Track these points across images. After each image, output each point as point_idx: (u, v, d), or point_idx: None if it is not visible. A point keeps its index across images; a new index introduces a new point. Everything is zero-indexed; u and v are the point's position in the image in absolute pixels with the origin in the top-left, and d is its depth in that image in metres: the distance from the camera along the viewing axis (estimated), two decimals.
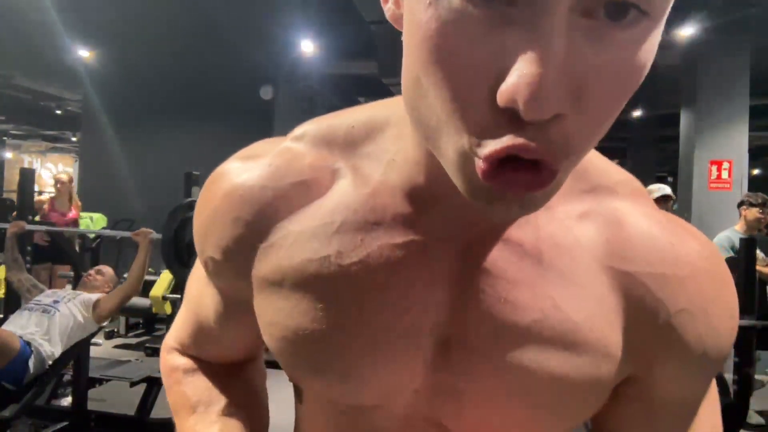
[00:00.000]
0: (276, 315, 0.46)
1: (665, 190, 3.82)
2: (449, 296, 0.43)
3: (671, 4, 0.32)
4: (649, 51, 0.32)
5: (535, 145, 0.30)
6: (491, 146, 0.31)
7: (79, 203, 5.89)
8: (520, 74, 0.28)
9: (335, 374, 0.45)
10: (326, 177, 0.46)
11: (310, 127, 0.49)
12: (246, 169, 0.48)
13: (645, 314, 0.42)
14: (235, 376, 0.62)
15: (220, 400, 0.58)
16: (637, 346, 0.42)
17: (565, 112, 0.29)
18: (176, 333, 0.63)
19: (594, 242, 0.43)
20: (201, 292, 0.56)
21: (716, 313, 0.42)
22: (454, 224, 0.43)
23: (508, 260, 0.42)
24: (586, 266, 0.42)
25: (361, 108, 0.49)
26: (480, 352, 0.42)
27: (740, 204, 4.06)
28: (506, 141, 0.30)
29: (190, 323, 0.60)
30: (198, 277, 0.57)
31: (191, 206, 3.61)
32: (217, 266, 0.50)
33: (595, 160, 0.46)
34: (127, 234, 3.52)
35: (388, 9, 0.39)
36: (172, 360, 0.63)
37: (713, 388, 0.46)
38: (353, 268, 0.43)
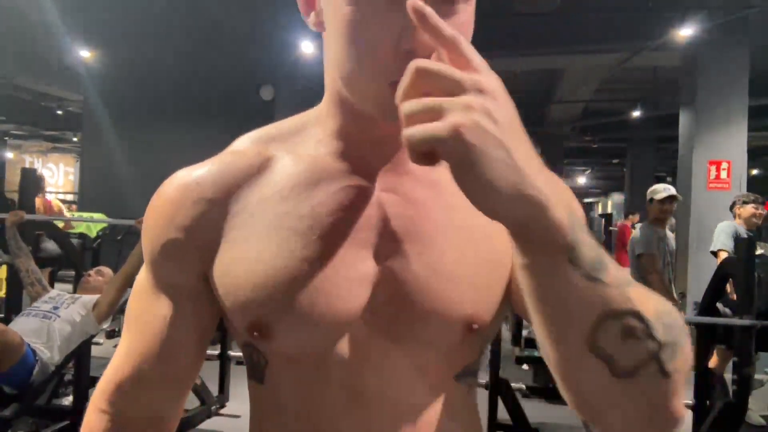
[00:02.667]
0: (246, 264, 0.57)
1: (671, 190, 3.82)
2: (376, 219, 0.58)
3: None
4: (470, 15, 0.53)
5: None
6: (398, 75, 0.43)
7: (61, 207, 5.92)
8: (412, 33, 0.47)
9: (304, 303, 0.55)
10: (268, 161, 0.60)
11: (248, 134, 0.65)
12: (196, 168, 0.60)
13: None
14: None
15: None
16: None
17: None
18: (112, 377, 0.63)
19: None
20: (148, 306, 0.62)
21: None
22: (370, 168, 0.60)
23: (409, 185, 0.60)
24: None
25: (289, 118, 0.65)
26: (403, 253, 0.57)
27: (732, 205, 4.07)
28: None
29: (134, 353, 0.62)
30: (141, 294, 0.63)
31: None
32: (176, 248, 0.59)
33: None
34: (130, 222, 3.54)
35: (310, 20, 0.57)
36: (95, 422, 0.63)
37: None
38: (306, 216, 0.57)
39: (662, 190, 3.82)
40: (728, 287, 3.19)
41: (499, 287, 0.60)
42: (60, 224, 5.49)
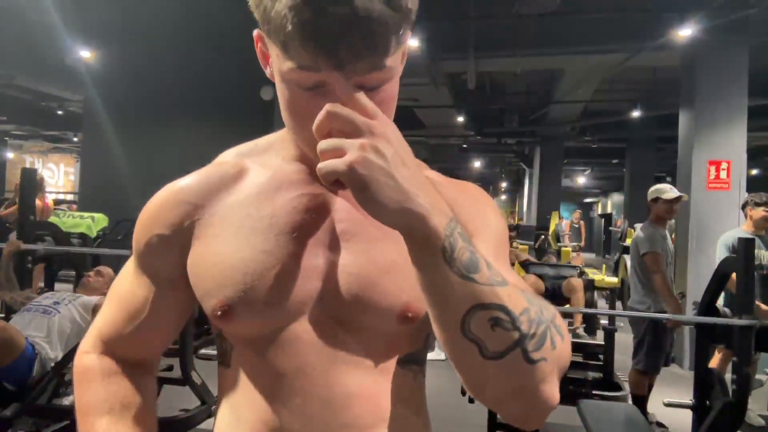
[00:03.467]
0: (215, 256, 0.68)
1: (676, 191, 3.81)
2: (328, 221, 0.69)
3: (400, 66, 0.63)
4: (392, 91, 0.64)
5: None
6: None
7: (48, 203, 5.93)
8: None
9: (262, 289, 0.65)
10: (242, 171, 0.73)
11: (231, 149, 0.77)
12: (184, 178, 0.73)
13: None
14: (144, 378, 0.78)
15: (133, 406, 0.74)
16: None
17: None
18: (97, 331, 0.78)
19: None
20: (132, 286, 0.75)
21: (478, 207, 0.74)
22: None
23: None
24: None
25: (263, 137, 0.78)
26: (350, 249, 0.68)
27: (744, 205, 4.05)
28: None
29: (117, 317, 0.76)
30: (127, 277, 0.76)
31: None
32: (161, 242, 0.71)
33: None
34: (126, 253, 3.43)
35: (267, 72, 0.68)
36: (88, 360, 0.77)
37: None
38: (269, 216, 0.68)
39: (669, 189, 3.79)
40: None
41: None
42: (59, 225, 5.49)
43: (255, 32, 0.67)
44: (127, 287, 0.76)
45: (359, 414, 0.66)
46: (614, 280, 7.66)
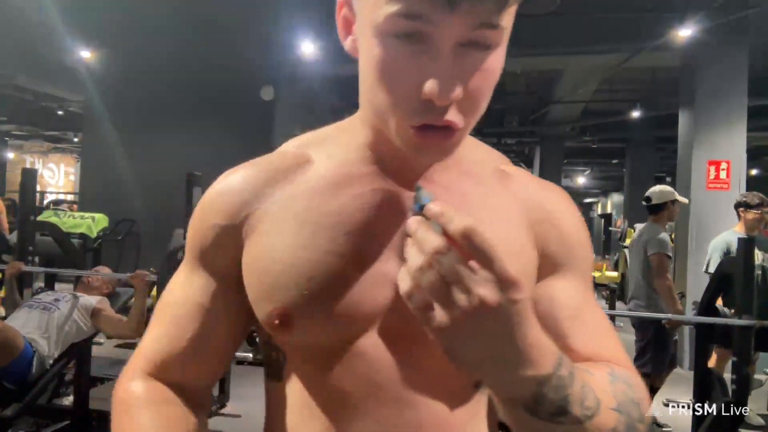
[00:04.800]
0: (273, 253, 0.60)
1: (676, 194, 3.84)
2: (402, 222, 0.57)
3: (507, 38, 0.55)
4: (498, 61, 0.55)
5: (443, 118, 0.53)
6: (418, 121, 0.53)
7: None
8: (432, 82, 0.51)
9: (326, 295, 0.57)
10: (305, 162, 0.65)
11: (293, 138, 0.70)
12: (243, 167, 0.66)
13: (539, 230, 0.65)
14: (198, 414, 0.66)
15: None
16: (538, 248, 0.65)
17: (457, 99, 0.52)
18: (142, 354, 0.66)
19: (496, 186, 0.66)
20: (183, 292, 0.66)
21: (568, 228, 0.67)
22: (399, 175, 0.63)
23: (437, 194, 0.58)
24: (495, 199, 0.65)
25: (331, 125, 0.70)
26: None
27: (737, 205, 4.05)
28: (427, 117, 0.53)
29: (166, 332, 0.65)
30: (176, 286, 0.67)
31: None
32: (218, 234, 0.63)
33: (480, 143, 0.71)
34: (124, 276, 3.35)
35: (347, 44, 0.60)
36: (132, 386, 0.64)
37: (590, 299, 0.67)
38: (336, 212, 0.60)
39: (673, 191, 3.83)
40: None
41: None
42: (60, 225, 5.49)
43: None
44: (177, 295, 0.66)
45: None
46: (614, 274, 7.70)
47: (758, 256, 3.88)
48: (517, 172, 0.69)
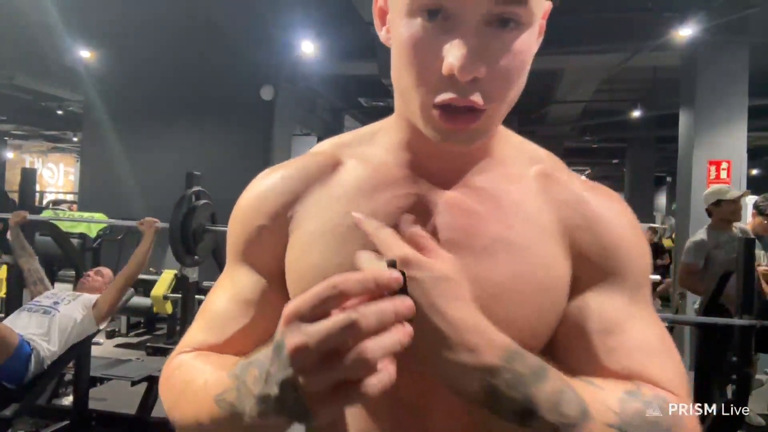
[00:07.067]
0: (309, 256, 0.61)
1: (738, 190, 3.76)
2: (432, 227, 0.60)
3: (539, 16, 0.55)
4: (526, 42, 0.54)
5: (466, 97, 0.52)
6: (440, 98, 0.53)
7: None
8: (454, 56, 0.51)
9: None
10: (337, 163, 0.65)
11: (327, 139, 0.71)
12: (281, 167, 0.68)
13: (577, 237, 0.62)
14: None
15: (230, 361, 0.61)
16: (574, 257, 0.62)
17: (480, 76, 0.51)
18: (187, 344, 0.67)
19: (535, 189, 0.64)
20: (229, 291, 0.66)
21: (618, 232, 0.63)
22: (433, 179, 0.62)
23: (470, 199, 0.61)
24: (531, 203, 0.63)
25: (366, 126, 0.70)
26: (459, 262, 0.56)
27: (755, 206, 4.01)
28: (449, 95, 0.53)
29: (209, 328, 0.66)
30: (219, 290, 0.68)
31: (198, 195, 3.66)
32: (261, 233, 0.65)
33: (528, 143, 0.71)
34: (132, 223, 3.56)
35: (382, 35, 0.61)
36: (177, 360, 0.66)
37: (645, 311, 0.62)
38: (370, 216, 0.58)
39: (729, 189, 3.70)
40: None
41: (550, 314, 0.60)
42: (59, 224, 5.47)
43: None
44: (220, 293, 0.67)
45: None
46: None
47: (761, 256, 3.88)
48: (563, 174, 0.67)
